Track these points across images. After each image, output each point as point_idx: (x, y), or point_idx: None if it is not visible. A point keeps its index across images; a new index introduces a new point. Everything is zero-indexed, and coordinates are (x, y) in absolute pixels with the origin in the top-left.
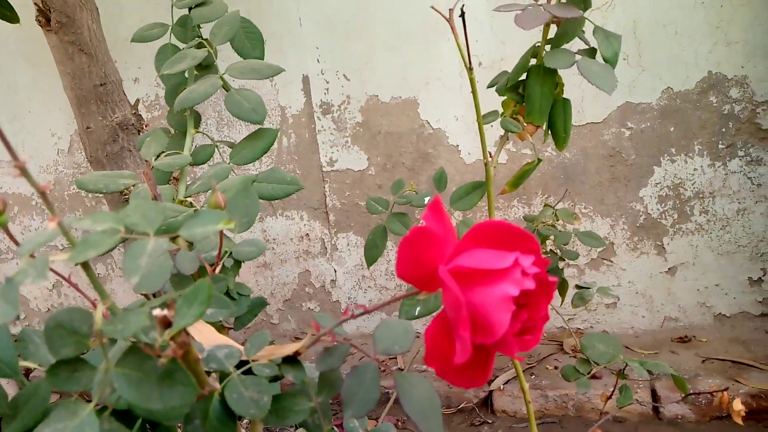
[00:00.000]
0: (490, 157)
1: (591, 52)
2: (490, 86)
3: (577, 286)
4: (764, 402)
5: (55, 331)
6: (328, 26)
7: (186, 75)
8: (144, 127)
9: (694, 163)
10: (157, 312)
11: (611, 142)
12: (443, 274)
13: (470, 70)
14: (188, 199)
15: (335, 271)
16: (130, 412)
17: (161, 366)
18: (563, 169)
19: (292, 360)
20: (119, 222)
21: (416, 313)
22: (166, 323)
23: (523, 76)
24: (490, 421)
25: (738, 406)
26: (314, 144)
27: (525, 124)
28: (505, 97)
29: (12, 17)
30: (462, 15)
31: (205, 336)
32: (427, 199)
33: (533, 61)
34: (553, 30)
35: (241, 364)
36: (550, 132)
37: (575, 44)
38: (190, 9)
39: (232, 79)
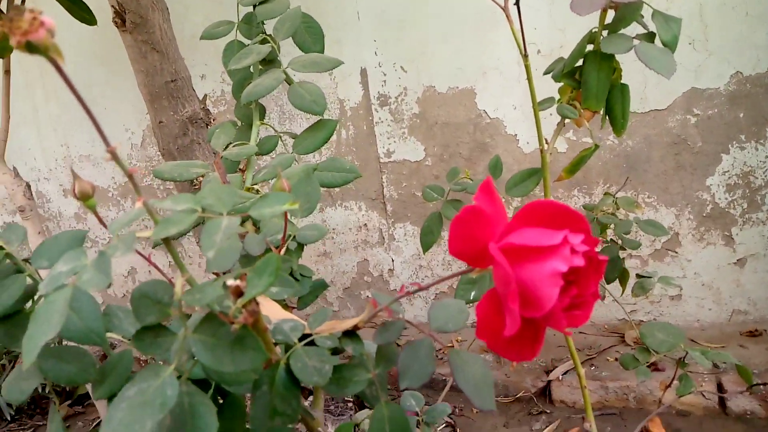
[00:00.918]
0: (546, 143)
1: (650, 37)
2: (546, 73)
3: (638, 275)
4: None
5: (141, 300)
6: (384, 18)
7: (251, 70)
8: (212, 121)
9: (765, 150)
10: (230, 282)
11: (676, 130)
12: (493, 250)
13: (525, 56)
14: (255, 186)
15: (392, 261)
16: (204, 381)
17: (234, 332)
18: (626, 157)
19: (351, 334)
20: (197, 203)
21: (471, 297)
22: (238, 293)
23: (580, 62)
24: (548, 411)
25: None
26: (372, 135)
27: (582, 110)
28: (562, 84)
29: (90, 20)
30: (517, 2)
31: (271, 311)
32: None
33: (590, 47)
34: (610, 15)
35: (304, 337)
36: (608, 118)
37: (635, 29)
38: (254, 6)
39: (294, 72)
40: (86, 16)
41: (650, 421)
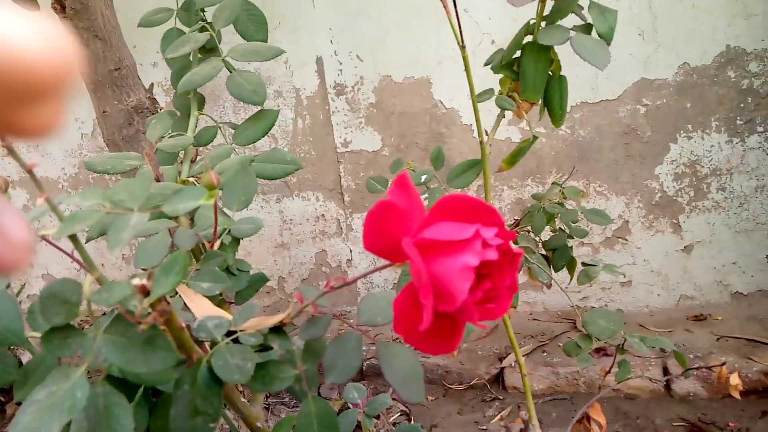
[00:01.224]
0: (486, 134)
1: (587, 28)
2: (486, 64)
3: (584, 264)
4: None
5: (48, 300)
6: (340, 7)
7: (191, 58)
8: (158, 110)
9: (711, 140)
10: (135, 281)
11: (626, 120)
12: (406, 246)
13: (463, 48)
14: (191, 179)
15: (351, 251)
16: (126, 379)
17: (142, 332)
18: (577, 147)
19: (277, 330)
20: (106, 199)
21: None
22: (145, 292)
23: (519, 54)
24: (501, 398)
25: (735, 380)
26: (329, 125)
27: (520, 102)
28: (502, 76)
29: (31, 4)
30: None
31: (199, 307)
32: (423, 178)
33: (529, 38)
34: (550, 6)
35: (231, 333)
36: (546, 109)
37: (574, 21)
38: None
39: (235, 62)
40: (27, 2)
41: (590, 407)
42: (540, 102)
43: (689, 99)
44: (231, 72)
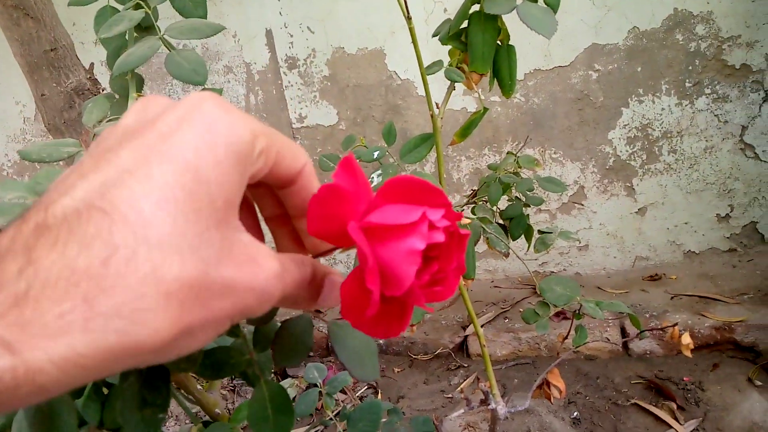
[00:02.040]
0: (437, 107)
1: None
2: (434, 35)
3: (539, 231)
4: (727, 333)
5: None
6: None
7: (126, 38)
8: (101, 91)
9: (661, 103)
10: None
11: (579, 86)
12: (352, 231)
13: (409, 19)
14: None
15: None
16: None
17: None
18: (532, 114)
19: None
20: (30, 190)
21: None
22: None
23: (466, 24)
24: (465, 365)
25: (686, 339)
26: (282, 100)
27: (469, 73)
28: (450, 47)
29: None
30: None
31: None
32: (376, 154)
33: (475, 8)
34: None
35: None
36: (495, 80)
37: None
38: None
39: (174, 40)
40: None
41: (550, 372)
42: (489, 73)
43: (640, 63)
44: (170, 51)
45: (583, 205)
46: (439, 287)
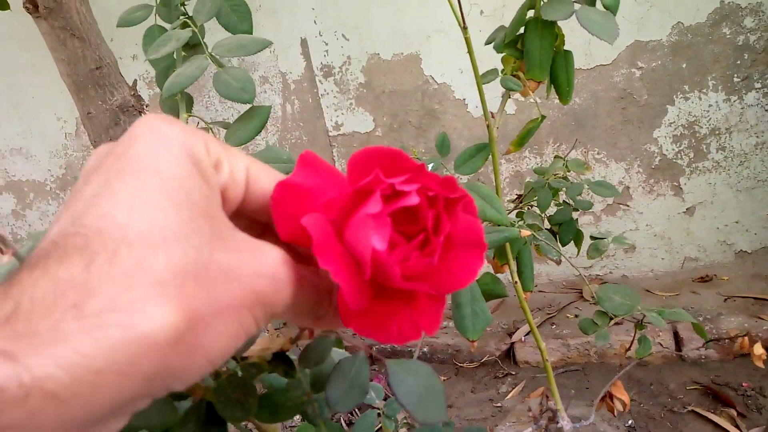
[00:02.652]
0: (492, 117)
1: (591, 0)
2: (487, 43)
3: (592, 237)
4: None
5: None
6: None
7: (175, 56)
8: (144, 107)
9: (708, 99)
10: None
11: (622, 84)
12: (305, 222)
13: (465, 29)
14: None
15: None
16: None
17: None
18: (573, 115)
19: (281, 356)
20: None
21: None
22: None
23: (522, 30)
24: (513, 373)
25: (759, 350)
26: (318, 109)
27: (526, 81)
28: (503, 54)
29: (2, 4)
30: None
31: None
32: (430, 166)
33: (531, 14)
34: None
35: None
36: (552, 86)
37: None
38: None
39: (220, 57)
40: None
41: (613, 385)
42: (546, 80)
43: (684, 59)
44: (219, 68)
45: (628, 206)
46: (429, 259)
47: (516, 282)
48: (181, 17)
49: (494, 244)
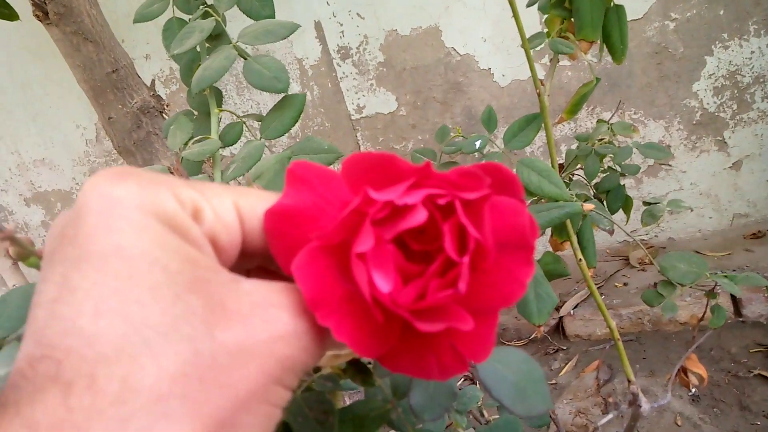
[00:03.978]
0: (542, 84)
1: None
2: (530, 5)
3: (645, 203)
4: None
5: None
6: None
7: (198, 49)
8: (165, 107)
9: (750, 46)
10: None
11: (655, 38)
12: (295, 271)
13: None
14: None
15: None
16: None
17: None
18: (606, 75)
19: (356, 364)
20: None
21: None
22: None
23: None
24: (564, 348)
25: None
26: (339, 93)
27: (577, 42)
28: (547, 15)
29: (11, 15)
30: None
31: None
32: (478, 143)
33: None
34: None
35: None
36: (605, 45)
37: None
38: None
39: (245, 46)
40: (5, 12)
41: (687, 359)
42: (599, 39)
43: (721, 5)
44: (245, 59)
45: (670, 165)
46: (483, 282)
47: (580, 260)
48: (202, 7)
49: (556, 220)
